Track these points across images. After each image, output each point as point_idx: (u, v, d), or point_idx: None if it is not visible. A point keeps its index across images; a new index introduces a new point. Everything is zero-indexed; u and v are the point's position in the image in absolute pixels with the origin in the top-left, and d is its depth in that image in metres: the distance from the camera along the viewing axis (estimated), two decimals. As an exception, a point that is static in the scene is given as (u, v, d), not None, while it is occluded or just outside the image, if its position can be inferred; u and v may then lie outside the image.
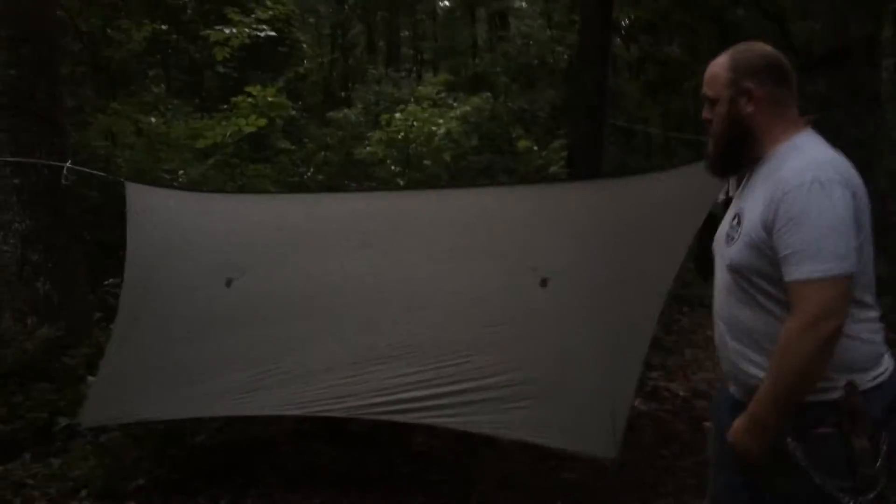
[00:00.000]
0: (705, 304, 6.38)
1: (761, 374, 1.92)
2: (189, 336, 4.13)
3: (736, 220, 2.03)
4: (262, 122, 6.81)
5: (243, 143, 7.13)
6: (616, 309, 3.62)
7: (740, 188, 2.14)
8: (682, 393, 5.81)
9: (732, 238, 2.01)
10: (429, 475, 4.23)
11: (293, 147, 7.64)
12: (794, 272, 1.83)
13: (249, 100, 7.23)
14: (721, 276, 2.09)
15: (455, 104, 7.80)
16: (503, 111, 10.40)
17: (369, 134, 7.68)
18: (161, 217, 4.73)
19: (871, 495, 1.83)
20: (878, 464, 1.83)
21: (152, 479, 4.08)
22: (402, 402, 3.67)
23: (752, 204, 1.97)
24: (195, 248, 4.54)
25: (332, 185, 7.01)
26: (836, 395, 1.86)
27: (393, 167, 7.42)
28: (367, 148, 7.31)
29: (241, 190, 6.94)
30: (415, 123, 7.14)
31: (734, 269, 1.99)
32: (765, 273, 1.92)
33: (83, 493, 4.06)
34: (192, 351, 4.06)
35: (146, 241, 4.62)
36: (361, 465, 4.35)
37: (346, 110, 9.91)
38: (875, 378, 1.90)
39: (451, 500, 3.98)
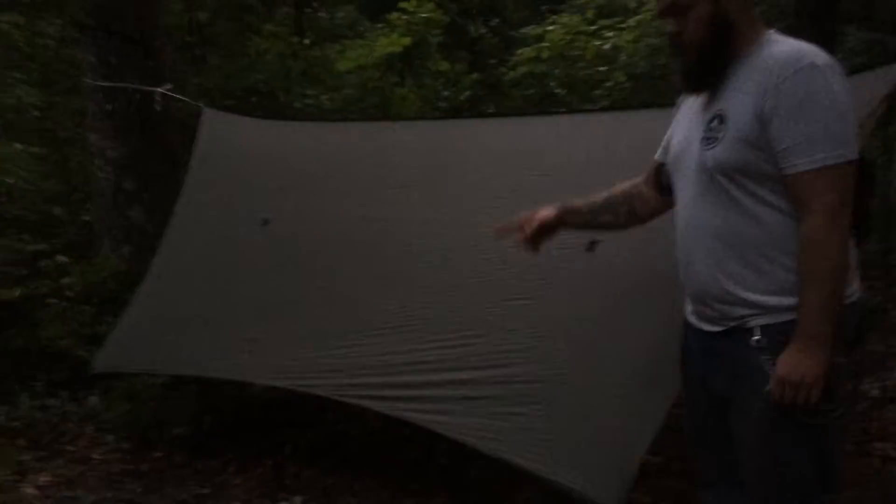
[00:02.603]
0: None
1: (741, 293, 1.86)
2: (210, 284, 3.77)
3: (716, 121, 1.88)
4: (406, 41, 6.19)
5: (395, 63, 6.58)
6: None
7: (704, 98, 1.98)
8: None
9: (714, 140, 1.87)
10: (467, 472, 3.54)
11: (448, 68, 6.94)
12: (804, 162, 1.73)
13: (404, 17, 6.64)
14: (691, 186, 1.96)
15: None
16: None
17: (519, 51, 6.72)
18: (228, 148, 4.40)
19: (838, 414, 1.82)
20: (850, 384, 1.84)
21: (185, 432, 3.84)
22: (387, 388, 3.01)
23: (736, 101, 1.85)
24: (248, 183, 4.15)
25: (467, 111, 6.25)
26: None
27: (557, 90, 6.47)
28: (516, 69, 6.36)
29: (385, 116, 6.46)
30: (573, 37, 6.10)
31: (719, 171, 1.86)
32: (755, 171, 1.82)
33: (110, 437, 3.93)
34: (208, 301, 3.69)
35: (206, 173, 4.32)
36: (388, 445, 3.77)
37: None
38: (850, 295, 1.84)
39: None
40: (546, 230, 2.37)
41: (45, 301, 4.85)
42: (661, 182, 2.25)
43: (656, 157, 2.27)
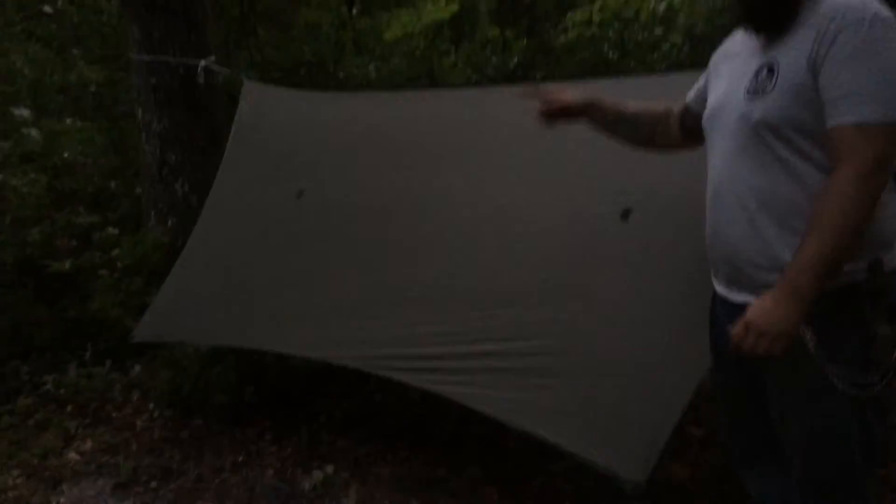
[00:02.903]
0: None
1: (778, 255, 1.72)
2: (246, 255, 3.77)
3: (765, 72, 1.75)
4: (454, 8, 6.07)
5: (444, 30, 6.47)
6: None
7: (754, 46, 1.84)
8: None
9: (762, 91, 1.74)
10: (503, 443, 3.49)
11: (497, 34, 6.77)
12: (847, 115, 1.61)
13: (453, -18, 6.51)
14: (729, 141, 1.83)
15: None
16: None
17: (570, 14, 6.51)
18: (267, 120, 4.39)
19: (878, 387, 1.68)
20: (894, 354, 1.67)
21: (225, 401, 3.87)
22: (413, 359, 2.96)
23: (790, 50, 1.71)
24: (286, 155, 4.14)
25: (517, 79, 6.10)
26: (859, 276, 1.68)
27: (611, 53, 6.26)
28: (567, 33, 6.15)
29: (432, 86, 6.38)
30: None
31: (764, 125, 1.72)
32: (805, 126, 1.68)
33: (153, 405, 4.00)
34: (243, 273, 3.69)
35: (246, 146, 4.32)
36: (424, 416, 3.74)
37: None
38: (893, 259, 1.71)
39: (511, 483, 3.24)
40: (567, 113, 2.32)
41: (97, 273, 4.96)
42: (685, 124, 2.18)
43: (687, 98, 2.19)
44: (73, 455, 3.63)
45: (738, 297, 1.88)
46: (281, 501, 3.19)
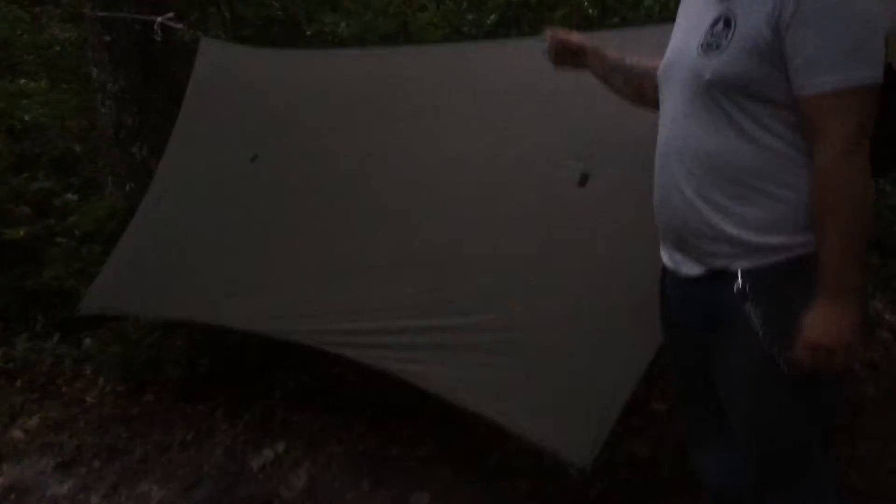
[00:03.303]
0: None
1: (725, 226, 1.59)
2: (197, 224, 3.59)
3: (721, 24, 1.58)
4: (426, -41, 5.80)
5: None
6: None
7: None
8: None
9: (716, 46, 1.58)
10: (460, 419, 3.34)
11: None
12: (822, 82, 1.45)
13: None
14: (679, 99, 1.67)
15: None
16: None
17: None
18: (224, 80, 4.19)
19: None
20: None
21: (178, 375, 3.73)
22: (362, 333, 2.81)
23: (747, 3, 1.54)
24: (241, 117, 3.94)
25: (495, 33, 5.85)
26: (807, 248, 1.55)
27: (591, 10, 6.02)
28: None
29: (406, 42, 6.13)
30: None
31: (716, 85, 1.57)
32: (759, 89, 1.53)
33: (104, 380, 3.85)
34: (193, 243, 3.51)
35: (201, 107, 4.12)
36: (383, 391, 3.59)
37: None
38: None
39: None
40: (575, 54, 2.17)
41: (54, 240, 4.79)
42: None
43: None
44: (17, 433, 3.49)
45: (682, 267, 1.75)
46: (228, 482, 3.06)
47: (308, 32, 5.74)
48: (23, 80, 5.82)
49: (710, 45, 1.60)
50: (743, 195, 1.58)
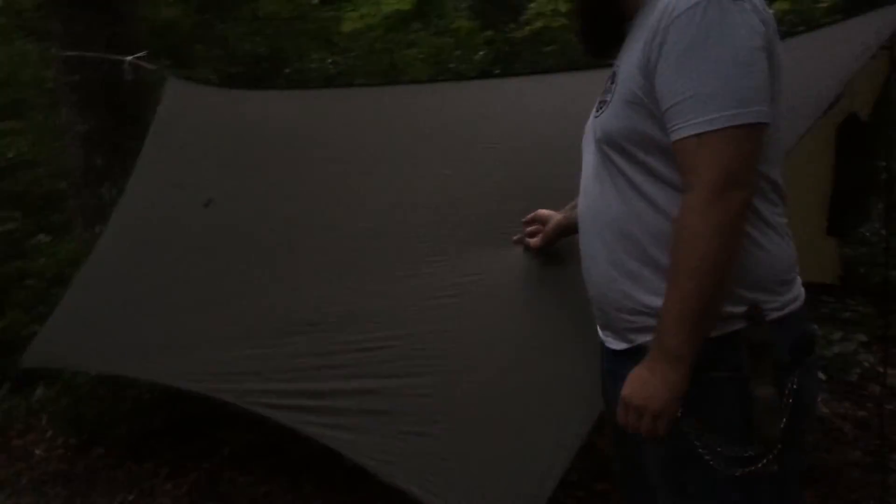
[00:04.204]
0: None
1: (640, 296, 1.44)
2: (143, 273, 3.44)
3: (610, 80, 1.51)
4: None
5: (407, 22, 6.11)
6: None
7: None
8: None
9: (604, 104, 1.50)
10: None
11: (465, 26, 6.36)
12: (685, 126, 1.31)
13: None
14: (588, 166, 1.60)
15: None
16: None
17: (531, 5, 6.04)
18: (186, 122, 4.08)
19: (762, 463, 1.35)
20: (781, 423, 1.35)
21: (124, 432, 3.57)
22: (294, 395, 2.63)
23: (627, 54, 1.46)
24: (199, 160, 3.82)
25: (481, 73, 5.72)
26: (735, 325, 1.37)
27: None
28: (531, 24, 5.69)
29: (394, 80, 6.03)
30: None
31: (606, 142, 1.48)
32: (647, 140, 1.40)
33: (49, 433, 3.71)
34: (136, 293, 3.36)
35: (161, 149, 4.01)
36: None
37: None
38: (785, 306, 1.41)
39: None
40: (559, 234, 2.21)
41: (23, 282, 4.70)
42: None
43: None
44: (-45, 490, 3.34)
45: (612, 344, 1.59)
46: (160, 551, 2.88)
47: (287, 70, 5.63)
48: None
49: (601, 104, 1.53)
50: (654, 259, 1.44)
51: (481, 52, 5.86)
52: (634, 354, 1.49)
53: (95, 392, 3.61)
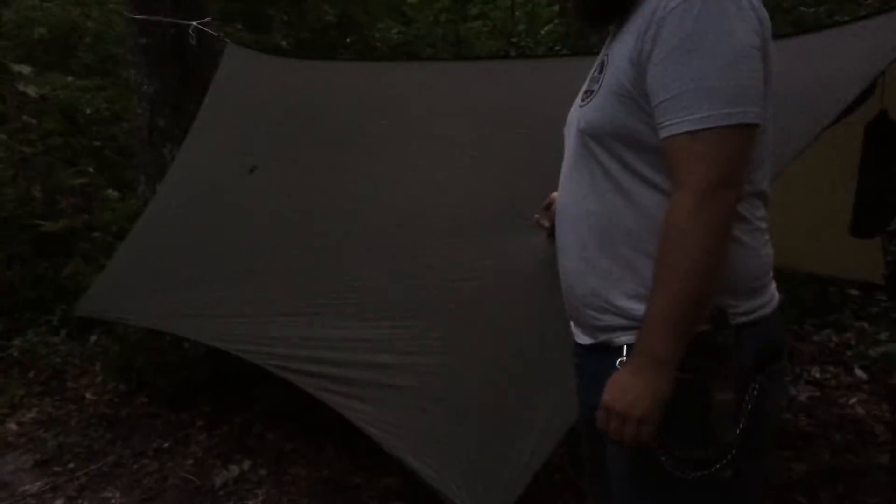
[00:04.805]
0: None
1: (609, 294, 1.43)
2: (190, 234, 3.61)
3: (598, 69, 1.49)
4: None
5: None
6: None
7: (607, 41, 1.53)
8: None
9: (590, 93, 1.46)
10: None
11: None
12: (678, 122, 1.28)
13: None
14: (568, 155, 1.55)
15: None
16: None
17: None
18: (242, 88, 4.21)
19: (715, 468, 1.35)
20: (738, 428, 1.35)
21: (169, 381, 3.78)
22: (315, 363, 2.76)
23: (619, 44, 1.42)
24: (250, 127, 3.95)
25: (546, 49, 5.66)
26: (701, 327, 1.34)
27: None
28: None
29: (456, 52, 6.06)
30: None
31: (588, 134, 1.44)
32: (631, 135, 1.38)
33: (100, 378, 3.94)
34: (183, 253, 3.53)
35: (215, 114, 4.16)
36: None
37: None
38: (753, 311, 1.40)
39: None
40: None
41: (90, 235, 4.95)
42: None
43: None
44: (11, 426, 3.61)
45: (580, 338, 1.59)
46: (187, 497, 3.06)
47: (348, 39, 5.70)
48: (68, 79, 5.95)
49: (587, 93, 1.48)
50: (628, 259, 1.42)
51: (547, 27, 5.80)
52: (598, 351, 1.50)
53: (143, 343, 3.80)
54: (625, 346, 1.44)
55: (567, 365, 2.14)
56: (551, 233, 2.30)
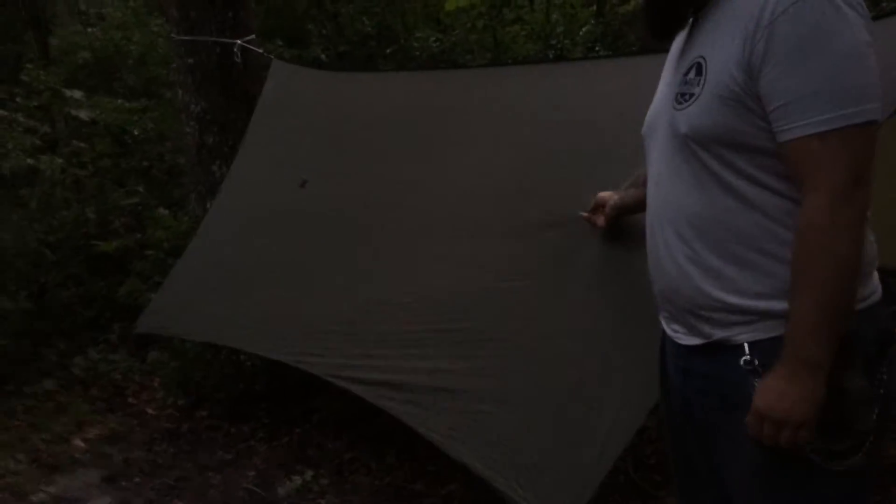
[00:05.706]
0: None
1: (722, 294, 1.43)
2: (243, 249, 3.65)
3: (693, 72, 1.45)
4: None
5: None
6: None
7: (683, 39, 1.56)
8: None
9: (689, 96, 1.44)
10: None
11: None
12: (801, 126, 1.29)
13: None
14: (662, 158, 1.54)
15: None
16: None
17: None
18: (289, 103, 4.27)
19: (856, 456, 1.35)
20: (874, 415, 1.35)
21: (226, 395, 3.83)
22: (376, 370, 2.77)
23: (718, 44, 1.40)
24: (299, 141, 4.00)
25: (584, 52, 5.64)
26: None
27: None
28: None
29: (495, 57, 6.06)
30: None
31: (694, 138, 1.43)
32: (740, 139, 1.38)
33: (160, 394, 4.01)
34: (237, 268, 3.57)
35: (265, 130, 4.21)
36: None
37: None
38: (867, 297, 1.40)
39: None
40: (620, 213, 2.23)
41: (144, 253, 5.04)
42: None
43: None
44: (77, 442, 3.68)
45: (684, 339, 1.57)
46: (252, 507, 3.10)
47: (388, 50, 5.74)
48: (119, 101, 6.08)
49: (684, 96, 1.47)
50: (742, 257, 1.42)
51: (585, 28, 5.79)
52: (710, 351, 1.49)
53: (201, 357, 3.86)
54: (745, 344, 1.43)
55: (633, 364, 2.17)
56: (606, 232, 2.31)
